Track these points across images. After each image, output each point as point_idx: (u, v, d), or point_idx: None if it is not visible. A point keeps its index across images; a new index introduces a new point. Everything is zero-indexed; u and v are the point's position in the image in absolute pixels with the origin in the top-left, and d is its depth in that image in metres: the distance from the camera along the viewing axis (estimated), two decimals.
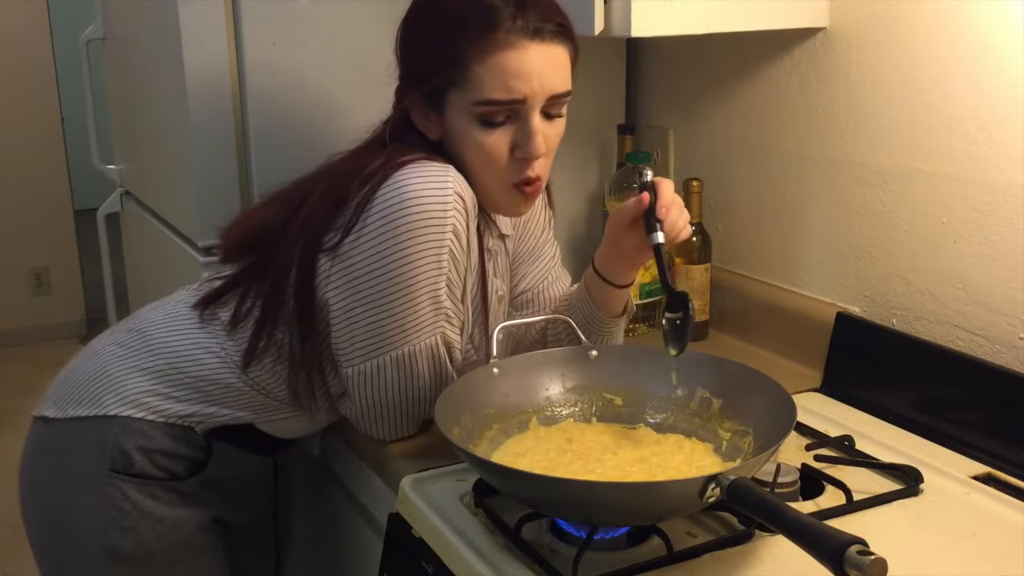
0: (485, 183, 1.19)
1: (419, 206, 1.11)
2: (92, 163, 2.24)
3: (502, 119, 1.15)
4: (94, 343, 1.34)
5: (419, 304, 1.15)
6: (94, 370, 1.28)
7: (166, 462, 1.25)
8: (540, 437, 1.17)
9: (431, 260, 1.13)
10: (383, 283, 1.13)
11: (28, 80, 4.35)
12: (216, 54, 1.52)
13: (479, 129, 1.15)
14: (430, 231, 1.11)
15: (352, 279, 1.15)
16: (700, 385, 1.19)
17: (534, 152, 1.16)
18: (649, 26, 1.28)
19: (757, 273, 1.63)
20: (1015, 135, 1.21)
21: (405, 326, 1.16)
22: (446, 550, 1.06)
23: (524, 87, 1.13)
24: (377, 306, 1.15)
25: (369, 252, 1.13)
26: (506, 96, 1.13)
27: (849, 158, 1.43)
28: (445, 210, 1.12)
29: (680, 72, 1.75)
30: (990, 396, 1.24)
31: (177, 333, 1.27)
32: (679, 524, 1.05)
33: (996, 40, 1.21)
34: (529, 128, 1.15)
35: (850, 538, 0.78)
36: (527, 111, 1.14)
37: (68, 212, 4.56)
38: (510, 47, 1.11)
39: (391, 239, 1.11)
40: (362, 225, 1.13)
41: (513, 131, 1.16)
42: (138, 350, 1.28)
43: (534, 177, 1.19)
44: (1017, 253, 1.23)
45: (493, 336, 1.21)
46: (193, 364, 1.25)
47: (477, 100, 1.13)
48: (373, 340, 1.17)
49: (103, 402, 1.25)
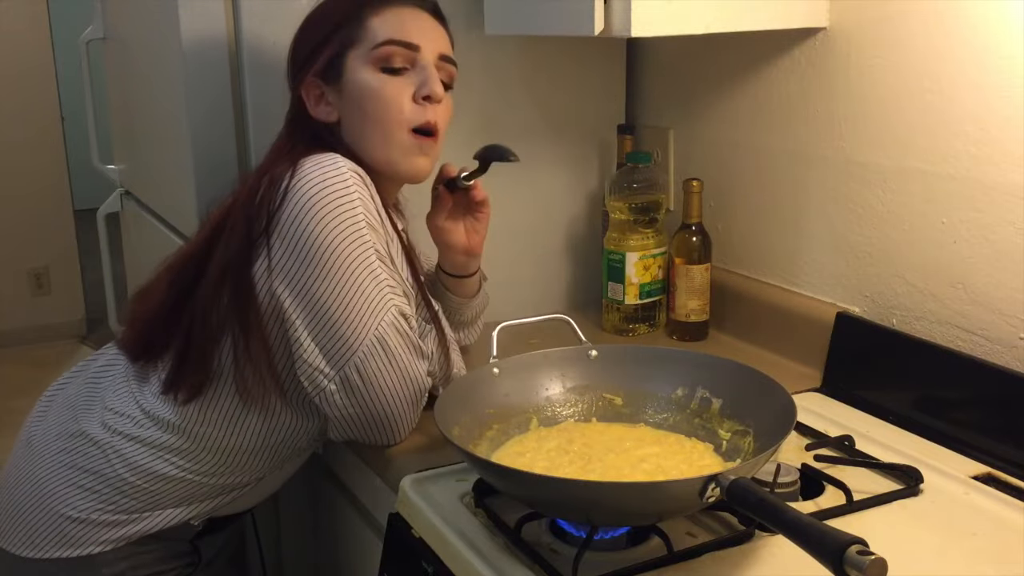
0: (383, 137, 1.25)
1: (323, 193, 1.14)
2: (92, 163, 2.24)
3: (401, 64, 1.24)
4: (33, 465, 1.28)
5: (361, 284, 1.16)
6: (45, 505, 1.24)
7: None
8: (540, 437, 1.17)
9: (353, 238, 1.15)
10: (321, 280, 1.15)
11: (28, 80, 4.35)
12: (216, 54, 1.52)
13: (381, 76, 1.24)
14: (341, 210, 1.15)
15: (294, 288, 1.16)
16: (700, 385, 1.19)
17: (434, 90, 1.24)
18: (649, 26, 1.28)
19: (757, 273, 1.63)
20: (1015, 135, 1.21)
21: (361, 313, 1.16)
22: (446, 550, 1.06)
23: (416, 34, 1.25)
24: (328, 306, 1.15)
25: (296, 254, 1.15)
26: (402, 36, 1.24)
27: (849, 158, 1.43)
28: (346, 185, 1.16)
29: (680, 72, 1.75)
30: (990, 396, 1.24)
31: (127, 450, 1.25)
32: (679, 524, 1.05)
33: (996, 40, 1.21)
34: (427, 72, 1.25)
35: (850, 538, 0.78)
36: (423, 58, 1.25)
37: (68, 212, 4.56)
38: (403, 6, 1.26)
39: (308, 234, 1.14)
40: (279, 231, 1.15)
41: (412, 78, 1.25)
42: (84, 467, 1.24)
43: (433, 122, 1.26)
44: (1017, 253, 1.23)
45: (494, 336, 1.22)
46: (149, 477, 1.23)
47: (375, 43, 1.23)
48: (340, 342, 1.17)
49: (45, 544, 1.22)
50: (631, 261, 1.64)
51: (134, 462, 1.23)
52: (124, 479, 1.23)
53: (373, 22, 1.24)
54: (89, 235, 2.90)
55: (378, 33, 1.24)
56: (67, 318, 4.63)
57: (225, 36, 1.52)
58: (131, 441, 1.24)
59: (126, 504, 1.23)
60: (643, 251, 1.64)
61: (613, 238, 1.66)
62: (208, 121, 1.54)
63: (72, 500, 1.23)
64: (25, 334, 4.53)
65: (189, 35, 1.51)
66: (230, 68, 1.54)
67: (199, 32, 1.51)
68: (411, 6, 1.27)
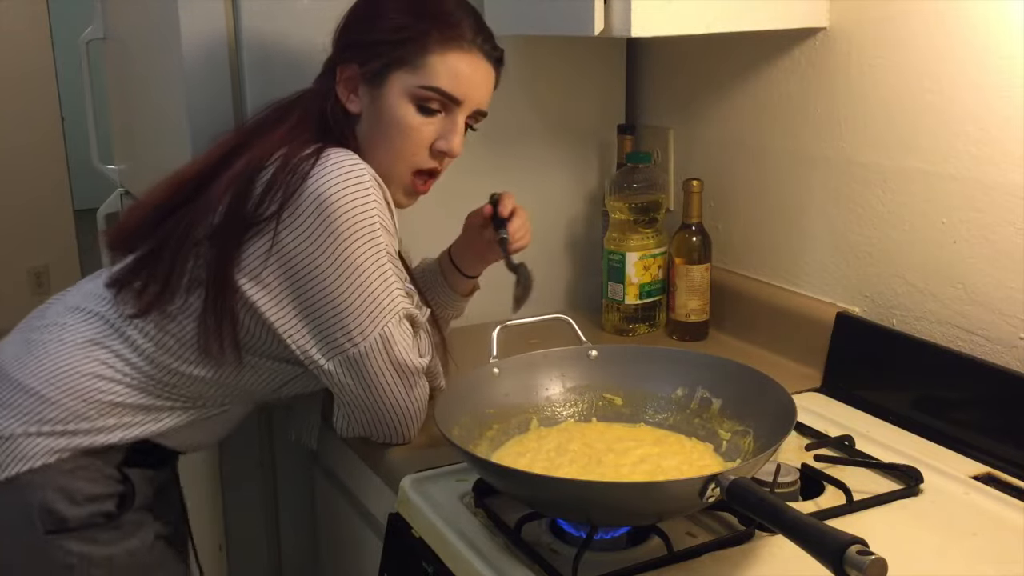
0: (390, 164, 1.26)
1: (343, 189, 1.16)
2: (92, 163, 2.24)
3: (436, 108, 1.24)
4: None
5: (370, 283, 1.17)
6: None
7: (95, 507, 1.22)
8: (540, 437, 1.17)
9: (367, 237, 1.17)
10: (329, 270, 1.16)
11: (28, 80, 4.35)
12: (216, 54, 1.52)
13: (413, 112, 1.24)
14: (358, 209, 1.16)
15: (296, 270, 1.17)
16: (700, 385, 1.19)
17: (455, 147, 1.26)
18: (649, 26, 1.28)
19: (757, 273, 1.63)
20: (1015, 135, 1.21)
21: (368, 310, 1.18)
22: (446, 550, 1.06)
23: (465, 90, 1.24)
24: (333, 299, 1.17)
25: (307, 241, 1.16)
26: (451, 90, 1.23)
27: (849, 158, 1.43)
28: (365, 188, 1.17)
29: (680, 72, 1.75)
30: (990, 396, 1.24)
31: (51, 367, 1.23)
32: (679, 524, 1.05)
33: (996, 40, 1.21)
34: (456, 125, 1.26)
35: (850, 538, 0.78)
36: (458, 112, 1.26)
37: (68, 212, 4.56)
38: (466, 53, 1.24)
39: (324, 224, 1.15)
40: (293, 214, 1.16)
41: (439, 124, 1.26)
42: (12, 403, 1.23)
43: (439, 169, 1.29)
44: (1017, 253, 1.23)
45: (493, 336, 1.22)
46: (76, 392, 1.22)
47: (424, 85, 1.23)
48: (339, 328, 1.18)
49: (4, 465, 1.21)
50: (631, 261, 1.64)
51: (69, 354, 1.23)
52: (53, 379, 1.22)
53: (432, 60, 1.22)
54: (89, 235, 2.91)
55: (431, 75, 1.22)
56: None
57: (225, 36, 1.52)
58: (75, 325, 1.25)
59: (51, 415, 1.21)
60: (643, 251, 1.64)
61: (613, 238, 1.66)
62: (208, 121, 1.54)
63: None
64: None
65: (189, 35, 1.51)
66: (230, 68, 1.54)
67: (199, 32, 1.51)
68: (477, 54, 1.25)
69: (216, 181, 1.22)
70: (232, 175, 1.21)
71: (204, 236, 1.20)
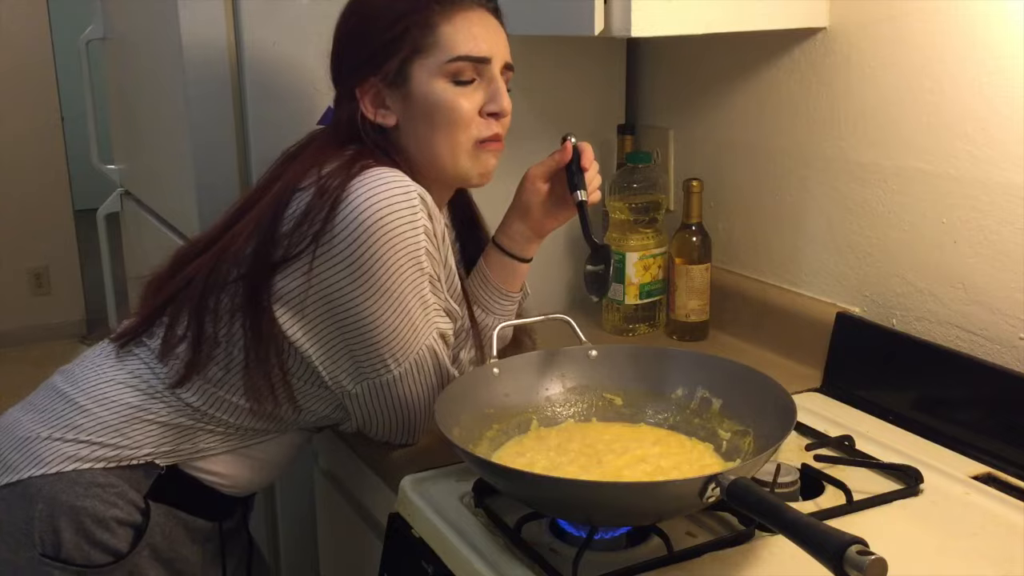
0: (451, 150, 1.21)
1: (389, 214, 1.11)
2: (92, 163, 2.24)
3: (471, 77, 1.20)
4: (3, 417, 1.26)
5: (410, 310, 1.15)
6: (6, 441, 1.21)
7: (100, 534, 1.16)
8: (540, 437, 1.17)
9: (411, 265, 1.13)
10: (370, 300, 1.13)
11: (28, 80, 4.35)
12: (216, 54, 1.52)
13: (452, 89, 1.20)
14: (406, 236, 1.12)
15: (334, 300, 1.13)
16: (700, 385, 1.19)
17: (504, 105, 1.22)
18: (649, 26, 1.28)
19: (757, 273, 1.63)
20: (1015, 135, 1.21)
21: (405, 336, 1.16)
22: (446, 550, 1.06)
23: (488, 46, 1.20)
24: (375, 325, 1.14)
25: (347, 269, 1.12)
26: (476, 52, 1.19)
27: (849, 158, 1.43)
28: (414, 212, 1.13)
29: (680, 72, 1.75)
30: (990, 396, 1.24)
31: (90, 379, 1.22)
32: (679, 524, 1.05)
33: (996, 40, 1.21)
34: (495, 83, 1.22)
35: (850, 538, 0.78)
36: (492, 71, 1.22)
37: (68, 212, 4.56)
38: (471, 11, 1.21)
39: (367, 253, 1.11)
40: (331, 242, 1.11)
41: (481, 91, 1.22)
42: (47, 407, 1.21)
43: (500, 134, 1.24)
44: (1017, 253, 1.23)
45: (493, 335, 1.22)
46: (109, 403, 1.19)
47: (449, 58, 1.18)
48: (376, 357, 1.16)
49: (17, 467, 1.17)
50: (631, 261, 1.64)
51: (107, 394, 1.20)
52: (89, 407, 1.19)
53: (445, 30, 1.18)
54: (89, 235, 2.90)
55: (451, 46, 1.18)
56: (67, 318, 4.63)
57: (225, 36, 1.52)
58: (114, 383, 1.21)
59: (80, 422, 1.18)
60: (643, 251, 1.64)
61: (613, 238, 1.66)
62: (208, 121, 1.54)
63: (32, 426, 1.20)
64: (25, 334, 4.53)
65: (189, 35, 1.51)
66: (230, 68, 1.54)
67: (199, 32, 1.51)
68: (478, 8, 1.22)
69: (236, 227, 1.19)
70: (256, 214, 1.17)
71: (234, 278, 1.16)
